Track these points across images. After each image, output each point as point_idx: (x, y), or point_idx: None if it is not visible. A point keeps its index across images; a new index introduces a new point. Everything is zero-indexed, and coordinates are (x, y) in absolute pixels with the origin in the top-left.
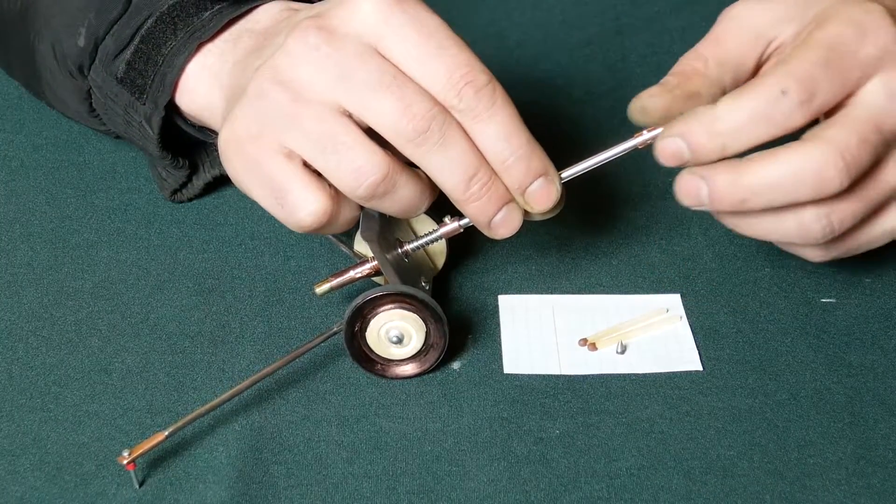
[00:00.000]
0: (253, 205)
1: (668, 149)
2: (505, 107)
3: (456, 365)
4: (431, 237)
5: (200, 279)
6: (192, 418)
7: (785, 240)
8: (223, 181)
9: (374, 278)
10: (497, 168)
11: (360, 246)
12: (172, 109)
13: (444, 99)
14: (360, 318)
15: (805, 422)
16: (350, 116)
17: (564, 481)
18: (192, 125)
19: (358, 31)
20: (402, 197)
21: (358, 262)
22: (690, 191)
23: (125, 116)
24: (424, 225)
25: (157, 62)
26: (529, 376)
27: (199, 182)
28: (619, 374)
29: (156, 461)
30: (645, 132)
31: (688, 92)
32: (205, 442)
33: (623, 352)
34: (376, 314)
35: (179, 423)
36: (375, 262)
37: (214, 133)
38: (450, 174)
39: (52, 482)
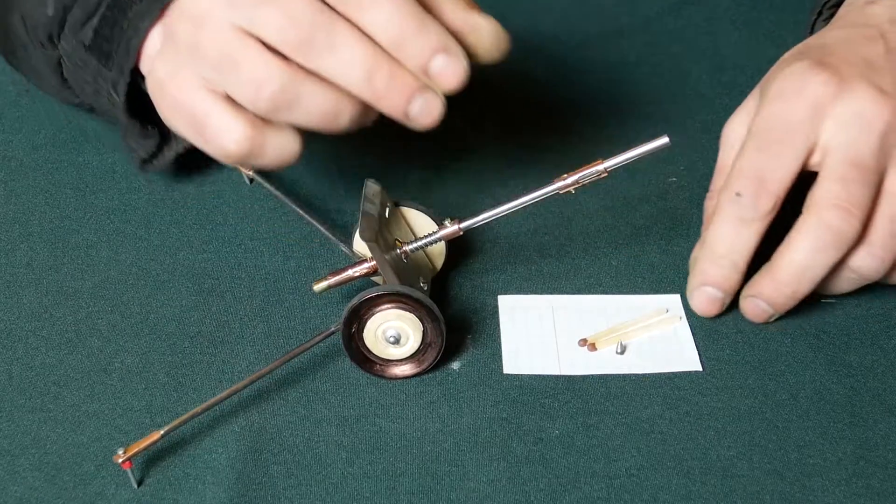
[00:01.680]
0: (252, 204)
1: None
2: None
3: (455, 365)
4: (430, 239)
5: (200, 279)
6: (189, 417)
7: (857, 285)
8: (220, 180)
9: (373, 277)
10: (394, 54)
11: (359, 246)
12: (139, 75)
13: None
14: (357, 318)
15: (805, 422)
16: (249, 35)
17: (564, 482)
18: None
19: None
20: (313, 106)
21: (356, 261)
22: (756, 312)
23: (94, 85)
24: (424, 226)
25: (122, 27)
26: (529, 377)
27: (169, 153)
28: (619, 375)
29: (155, 461)
30: (566, 176)
31: None
32: (204, 442)
33: (623, 352)
34: (373, 314)
35: (175, 423)
36: (374, 262)
37: None
38: (349, 76)
39: (52, 482)
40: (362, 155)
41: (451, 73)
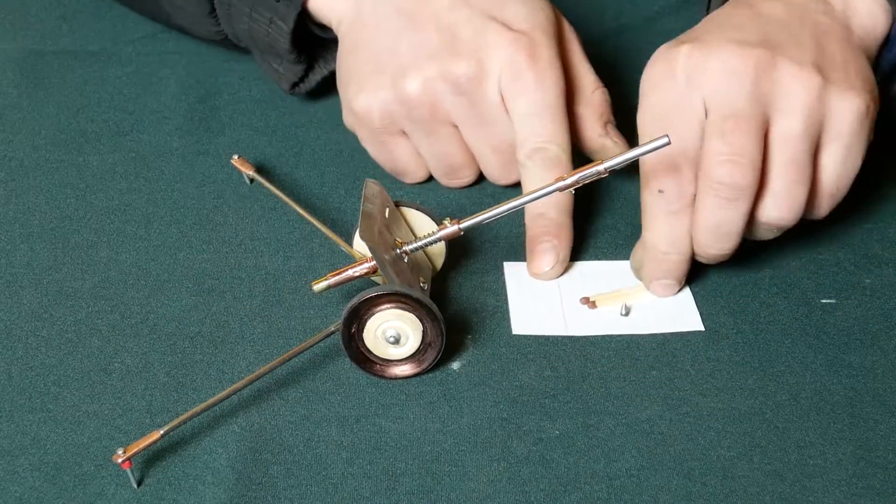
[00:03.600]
0: (253, 205)
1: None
2: (553, 179)
3: (456, 365)
4: (430, 239)
5: (200, 279)
6: (188, 417)
7: (780, 233)
8: (220, 180)
9: (373, 277)
10: (527, 217)
11: (359, 246)
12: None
13: (517, 149)
14: (357, 318)
15: (805, 423)
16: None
17: (564, 482)
18: (315, 23)
19: (498, 86)
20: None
21: (356, 261)
22: (663, 289)
23: (251, 14)
24: (424, 226)
25: None
26: (529, 375)
27: (315, 77)
28: (624, 335)
29: (155, 462)
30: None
31: None
32: (204, 442)
33: (627, 314)
34: (372, 314)
35: (175, 422)
36: (374, 262)
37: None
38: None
39: (52, 482)
40: (362, 155)
41: (541, 260)
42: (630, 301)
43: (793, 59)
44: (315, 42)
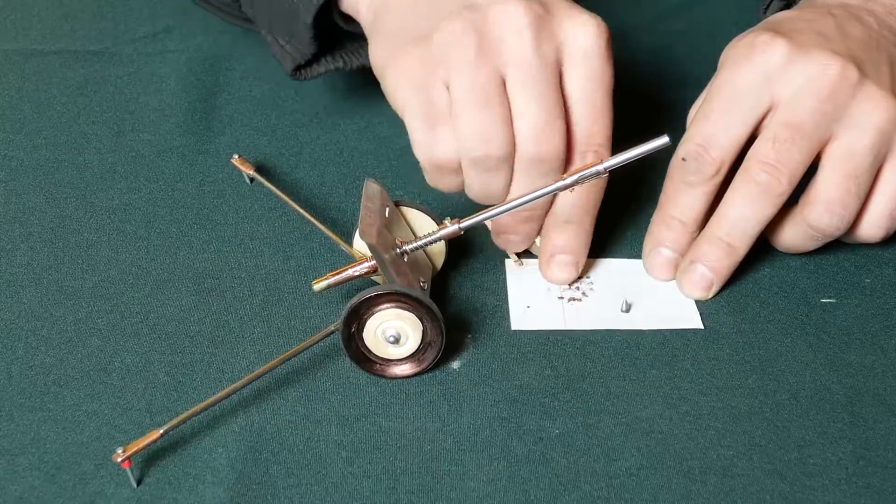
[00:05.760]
0: (252, 204)
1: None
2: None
3: (455, 364)
4: (430, 238)
5: (200, 279)
6: (188, 416)
7: (820, 243)
8: (220, 180)
9: (374, 277)
10: (547, 223)
11: (359, 245)
12: None
13: (575, 145)
14: (357, 318)
15: (805, 422)
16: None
17: (564, 481)
18: (340, 13)
19: (562, 44)
20: (499, 184)
21: (356, 260)
22: (694, 279)
23: None
24: (424, 226)
25: None
26: (529, 375)
27: (320, 68)
28: (624, 335)
29: (154, 461)
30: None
31: None
32: (204, 442)
33: (628, 310)
34: (372, 314)
35: (174, 421)
36: (374, 262)
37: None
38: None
39: (51, 481)
40: (363, 155)
41: (557, 270)
42: (630, 297)
43: (875, 81)
44: (333, 33)
